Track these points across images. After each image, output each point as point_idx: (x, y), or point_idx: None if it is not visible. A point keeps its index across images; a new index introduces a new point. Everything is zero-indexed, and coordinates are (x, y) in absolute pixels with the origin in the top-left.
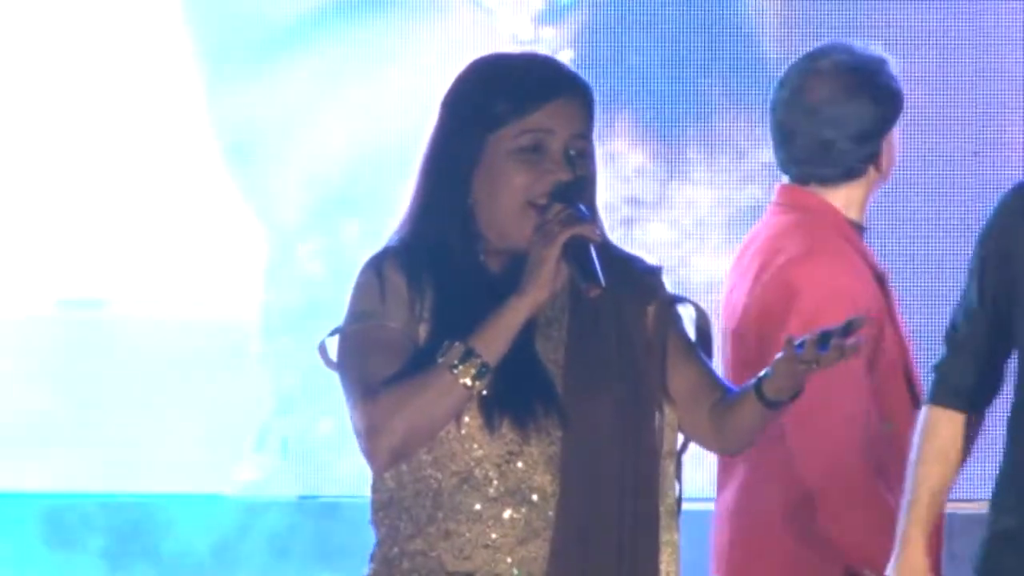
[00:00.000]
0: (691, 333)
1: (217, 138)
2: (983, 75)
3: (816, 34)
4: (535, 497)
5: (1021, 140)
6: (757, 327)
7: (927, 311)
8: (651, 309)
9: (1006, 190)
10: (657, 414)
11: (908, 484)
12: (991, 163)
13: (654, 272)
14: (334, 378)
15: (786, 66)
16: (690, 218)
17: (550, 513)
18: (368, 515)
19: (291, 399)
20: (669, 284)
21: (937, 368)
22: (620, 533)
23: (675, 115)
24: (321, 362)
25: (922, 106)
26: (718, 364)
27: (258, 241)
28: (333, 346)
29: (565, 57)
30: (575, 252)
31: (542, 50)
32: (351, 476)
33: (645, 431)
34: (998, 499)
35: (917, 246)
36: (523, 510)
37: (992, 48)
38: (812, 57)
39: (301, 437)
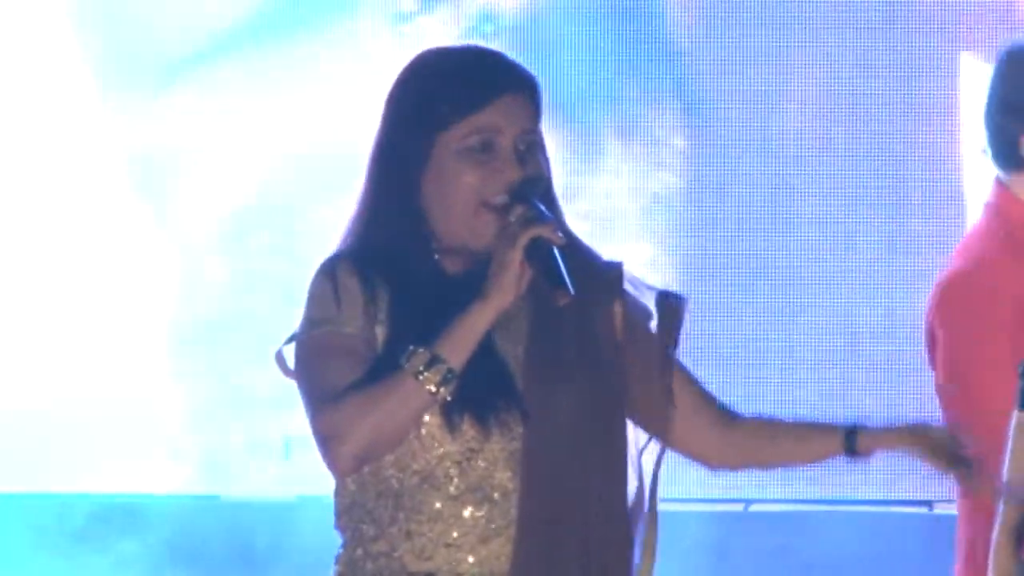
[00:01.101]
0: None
1: (124, 151)
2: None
3: (730, 25)
4: (496, 495)
5: None
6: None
7: None
8: (618, 309)
9: None
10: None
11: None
12: None
13: (616, 268)
14: None
15: (700, 56)
16: (603, 207)
17: (512, 511)
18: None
19: (289, 400)
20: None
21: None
22: (586, 530)
23: (588, 103)
24: (278, 370)
25: (928, 105)
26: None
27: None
28: (290, 354)
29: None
30: (539, 255)
31: (465, 33)
32: None
33: (611, 426)
34: None
35: (940, 243)
36: (484, 508)
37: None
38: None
39: (302, 437)
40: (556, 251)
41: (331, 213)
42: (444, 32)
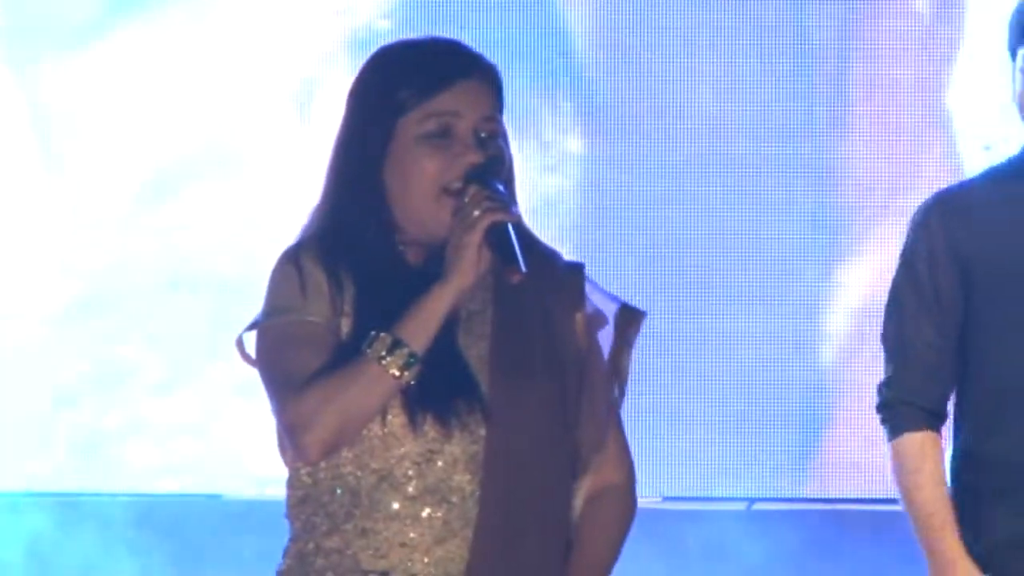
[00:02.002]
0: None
1: (13, 119)
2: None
3: (626, 24)
4: (454, 498)
5: None
6: None
7: None
8: (579, 316)
9: (925, 204)
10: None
11: (927, 508)
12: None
13: (578, 270)
14: None
15: (596, 57)
16: None
17: (469, 513)
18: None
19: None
20: None
21: (907, 393)
22: (543, 534)
23: None
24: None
25: (931, 102)
26: None
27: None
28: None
29: (381, 29)
30: (495, 236)
31: (358, 19)
32: None
33: (572, 430)
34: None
35: (841, 236)
36: (442, 510)
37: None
38: None
39: None
40: (511, 229)
41: (213, 193)
42: (339, 22)
